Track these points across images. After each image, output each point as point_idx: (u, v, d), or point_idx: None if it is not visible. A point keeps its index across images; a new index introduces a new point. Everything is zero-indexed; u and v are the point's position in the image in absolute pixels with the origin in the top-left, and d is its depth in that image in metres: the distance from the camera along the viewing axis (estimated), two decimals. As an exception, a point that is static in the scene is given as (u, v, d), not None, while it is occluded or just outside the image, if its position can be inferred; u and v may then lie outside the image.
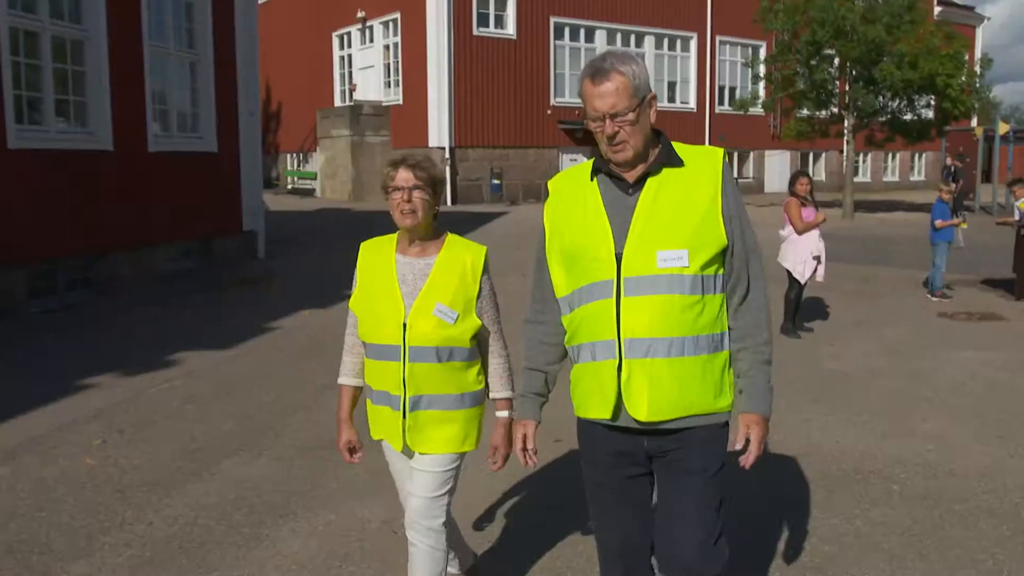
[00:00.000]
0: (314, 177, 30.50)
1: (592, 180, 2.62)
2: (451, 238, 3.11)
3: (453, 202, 25.32)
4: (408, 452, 3.09)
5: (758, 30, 26.37)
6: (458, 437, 3.05)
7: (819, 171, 36.70)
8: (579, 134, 28.56)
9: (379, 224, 18.52)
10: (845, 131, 24.48)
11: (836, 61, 24.20)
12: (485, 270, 3.08)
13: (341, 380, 3.24)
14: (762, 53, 29.79)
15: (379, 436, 3.14)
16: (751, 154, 34.54)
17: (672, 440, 2.54)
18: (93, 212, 10.83)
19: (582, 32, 29.18)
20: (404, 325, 2.95)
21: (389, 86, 28.73)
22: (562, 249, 2.63)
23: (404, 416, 2.99)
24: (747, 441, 2.55)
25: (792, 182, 9.45)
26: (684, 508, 2.55)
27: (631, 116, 2.46)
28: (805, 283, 9.30)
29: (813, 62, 23.36)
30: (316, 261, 14.20)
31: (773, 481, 5.00)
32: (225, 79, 13.70)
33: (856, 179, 33.79)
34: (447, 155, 25.94)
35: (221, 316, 9.99)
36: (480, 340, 3.09)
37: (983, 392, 7.00)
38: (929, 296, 11.36)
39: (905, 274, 13.26)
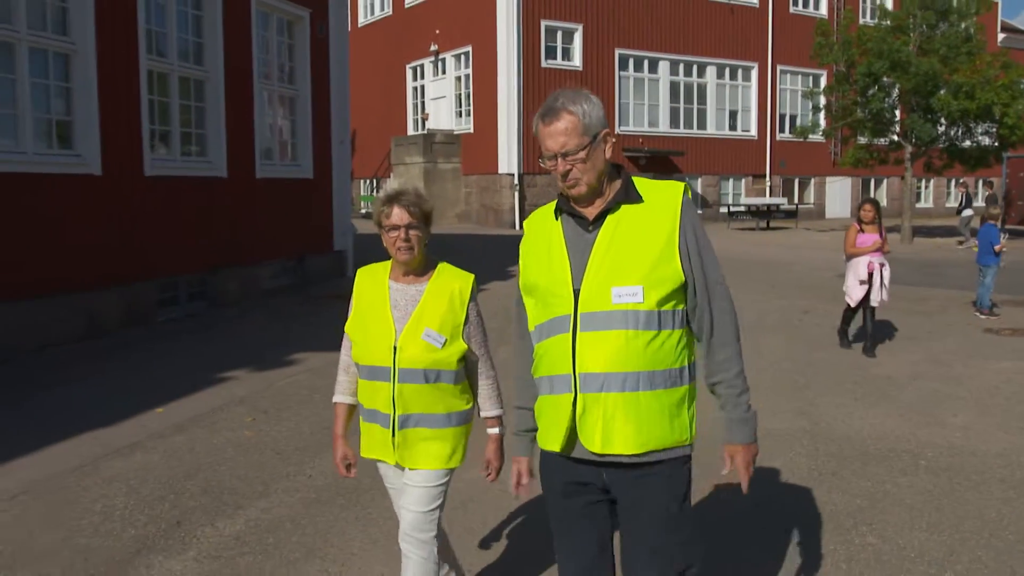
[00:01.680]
0: (387, 202, 31.83)
1: (557, 219, 2.70)
2: (442, 266, 3.27)
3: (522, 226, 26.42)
4: (399, 468, 3.26)
5: (818, 59, 27.18)
6: (445, 454, 3.20)
7: (880, 197, 37.07)
8: (642, 161, 29.58)
9: (449, 245, 19.76)
10: (905, 158, 25.10)
11: (896, 89, 24.87)
12: (472, 297, 3.24)
13: (336, 398, 3.43)
14: (822, 82, 30.63)
15: (370, 454, 3.30)
16: (812, 180, 35.16)
17: (631, 475, 2.59)
18: (209, 233, 12.11)
19: (646, 63, 30.25)
20: (395, 348, 3.11)
21: (460, 115, 30.05)
22: (529, 285, 2.72)
23: (394, 434, 3.16)
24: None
25: (858, 208, 10.00)
26: (643, 550, 2.62)
27: (581, 155, 2.54)
28: (857, 305, 9.72)
29: (870, 92, 24.07)
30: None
31: (815, 454, 5.96)
32: (320, 111, 15.01)
33: (918, 205, 34.33)
34: (516, 181, 27.12)
35: (321, 324, 11.13)
36: (469, 363, 3.25)
37: (1014, 394, 7.82)
38: (977, 314, 12.09)
39: (956, 294, 13.98)
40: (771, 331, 10.74)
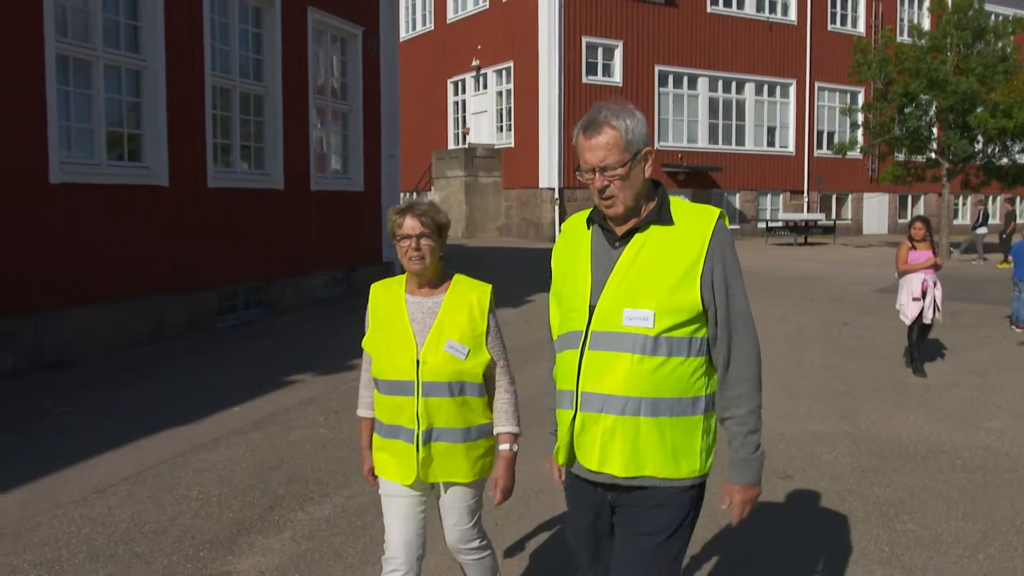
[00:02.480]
0: (428, 215, 32.39)
1: (588, 228, 2.66)
2: (457, 277, 3.24)
3: (560, 239, 26.85)
4: (419, 485, 3.18)
5: (856, 76, 27.38)
6: (469, 468, 3.17)
7: (917, 213, 37.11)
8: (681, 176, 29.91)
9: (491, 257, 20.19)
10: (942, 175, 25.21)
11: (933, 107, 25.03)
12: (491, 307, 3.20)
13: (360, 412, 3.41)
14: (860, 99, 30.81)
15: (387, 473, 3.21)
16: (849, 196, 35.25)
17: (628, 498, 2.57)
18: (265, 243, 12.59)
19: (685, 80, 30.58)
20: (417, 361, 3.06)
21: (501, 130, 30.54)
22: (556, 292, 2.72)
23: (418, 449, 3.09)
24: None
25: (908, 226, 9.78)
26: (629, 571, 2.60)
27: (621, 171, 2.47)
28: (912, 324, 9.43)
29: (907, 110, 24.26)
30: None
31: (858, 453, 6.28)
32: (370, 126, 15.50)
33: (956, 221, 34.31)
34: (556, 195, 27.54)
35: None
36: (487, 375, 3.20)
37: (1050, 403, 8.09)
38: (1013, 327, 12.29)
39: (993, 309, 14.15)
40: (811, 342, 11.02)
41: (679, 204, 2.60)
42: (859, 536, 4.83)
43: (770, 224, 31.09)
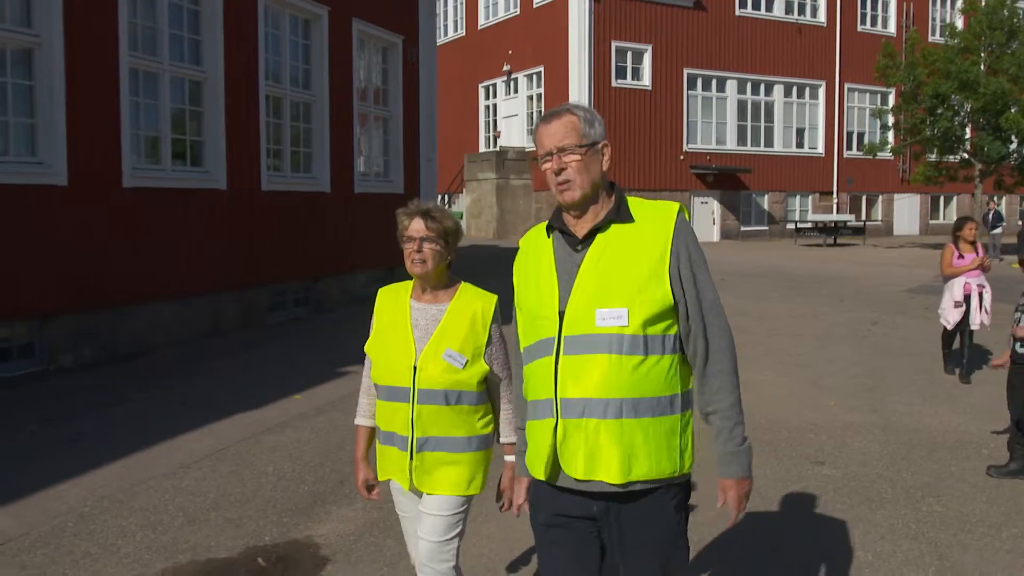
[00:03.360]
0: (460, 217, 32.94)
1: (548, 236, 2.63)
2: (464, 286, 3.20)
3: (591, 241, 27.32)
4: (415, 492, 3.16)
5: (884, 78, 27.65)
6: (463, 480, 3.09)
7: (950, 214, 37.21)
8: (710, 178, 30.26)
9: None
10: (975, 176, 25.38)
11: (967, 107, 25.19)
12: (495, 318, 3.15)
13: (357, 421, 3.36)
14: (890, 99, 31.03)
15: (386, 476, 3.21)
16: (879, 197, 35.42)
17: (616, 506, 2.49)
18: (313, 243, 13.14)
19: (714, 82, 30.94)
20: (415, 368, 3.03)
21: (532, 133, 30.91)
22: (521, 305, 2.66)
23: (411, 457, 3.06)
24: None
25: (955, 227, 9.33)
26: None
27: (579, 153, 2.47)
28: (954, 328, 9.31)
29: (939, 111, 24.47)
30: (482, 284, 16.28)
31: (887, 443, 6.68)
32: (410, 131, 16.04)
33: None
34: (586, 197, 27.94)
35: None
36: (491, 385, 3.16)
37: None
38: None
39: (1022, 308, 14.42)
40: (841, 341, 11.38)
41: (637, 202, 2.58)
42: (887, 515, 5.23)
43: (799, 225, 31.34)
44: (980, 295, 9.13)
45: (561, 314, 2.45)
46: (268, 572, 4.32)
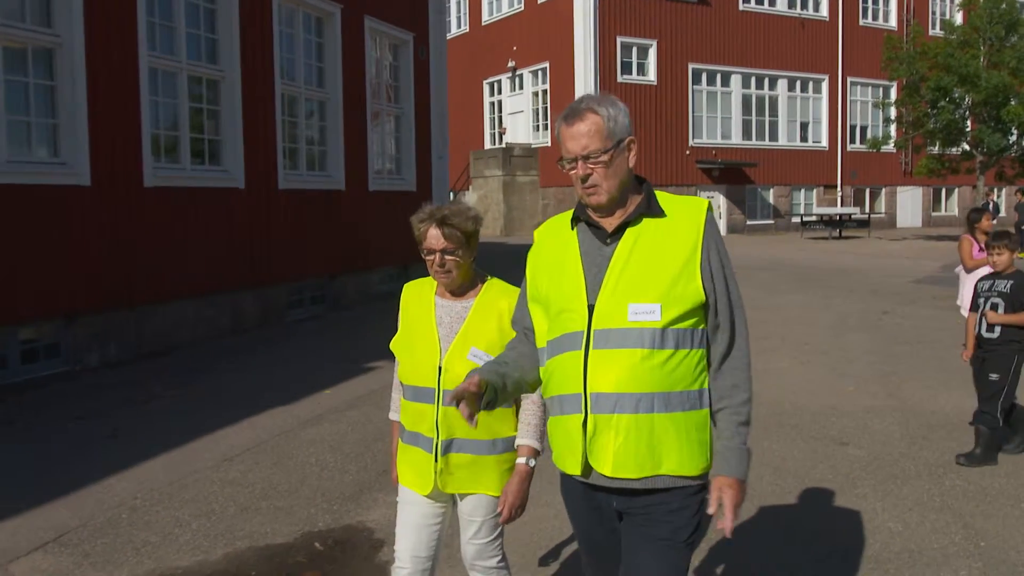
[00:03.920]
0: (469, 211, 33.07)
1: (572, 229, 2.57)
2: (490, 282, 3.08)
3: (598, 236, 27.49)
4: (437, 495, 3.05)
5: (888, 71, 27.79)
6: (493, 482, 3.00)
7: (952, 206, 37.37)
8: (716, 173, 30.39)
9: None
10: (976, 168, 25.54)
11: (967, 100, 25.35)
12: None
13: (392, 416, 3.30)
14: (892, 93, 31.13)
15: (405, 480, 3.10)
16: (883, 190, 35.55)
17: (640, 502, 2.46)
18: (329, 241, 13.26)
19: (718, 77, 31.07)
20: (440, 368, 2.93)
21: (538, 129, 31.14)
22: (540, 298, 2.58)
23: (436, 459, 2.96)
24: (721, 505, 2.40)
25: (972, 219, 9.12)
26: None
27: (604, 158, 2.41)
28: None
29: (941, 103, 24.63)
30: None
31: (907, 424, 6.83)
32: (421, 128, 16.16)
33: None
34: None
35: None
36: None
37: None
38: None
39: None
40: (854, 330, 11.51)
41: (666, 196, 2.54)
42: (912, 490, 5.39)
43: (804, 219, 31.47)
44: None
45: (591, 307, 2.41)
46: (326, 555, 4.45)
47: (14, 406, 7.53)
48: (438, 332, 2.98)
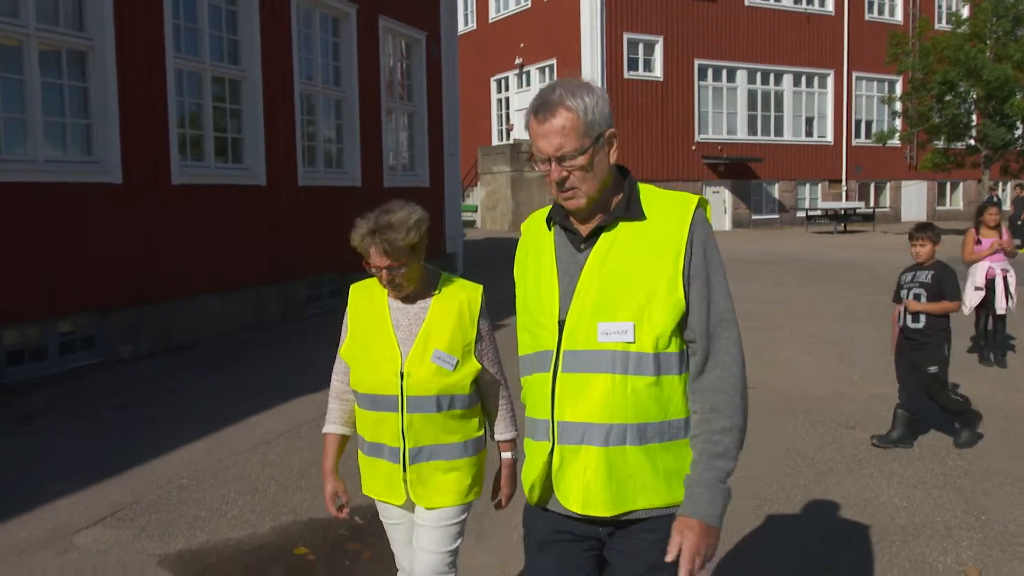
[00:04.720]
0: (474, 210, 33.35)
1: (549, 229, 2.29)
2: (444, 278, 2.94)
3: (606, 231, 27.83)
4: (409, 506, 2.93)
5: (894, 65, 28.02)
6: (463, 488, 2.88)
7: (956, 201, 37.59)
8: (721, 168, 30.66)
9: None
10: (981, 162, 25.78)
11: (973, 95, 25.58)
12: (482, 311, 2.90)
13: (326, 429, 3.07)
14: (898, 87, 31.35)
15: (373, 492, 2.98)
16: (888, 184, 35.78)
17: (623, 531, 2.18)
18: (345, 237, 13.45)
19: (724, 72, 31.33)
20: (402, 374, 2.77)
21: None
22: (523, 303, 2.33)
23: (404, 469, 2.83)
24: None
25: (978, 213, 9.30)
26: None
27: (581, 160, 2.09)
28: (981, 314, 9.27)
29: (947, 98, 24.87)
30: (503, 277, 16.72)
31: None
32: (434, 125, 16.46)
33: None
34: (600, 188, 28.39)
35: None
36: (481, 382, 2.92)
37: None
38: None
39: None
40: (862, 322, 11.78)
41: (652, 193, 2.22)
42: (916, 470, 5.71)
43: (810, 213, 31.72)
44: (1004, 279, 9.10)
45: (561, 324, 2.15)
46: (367, 529, 4.75)
47: (56, 395, 7.85)
48: (396, 336, 2.82)
